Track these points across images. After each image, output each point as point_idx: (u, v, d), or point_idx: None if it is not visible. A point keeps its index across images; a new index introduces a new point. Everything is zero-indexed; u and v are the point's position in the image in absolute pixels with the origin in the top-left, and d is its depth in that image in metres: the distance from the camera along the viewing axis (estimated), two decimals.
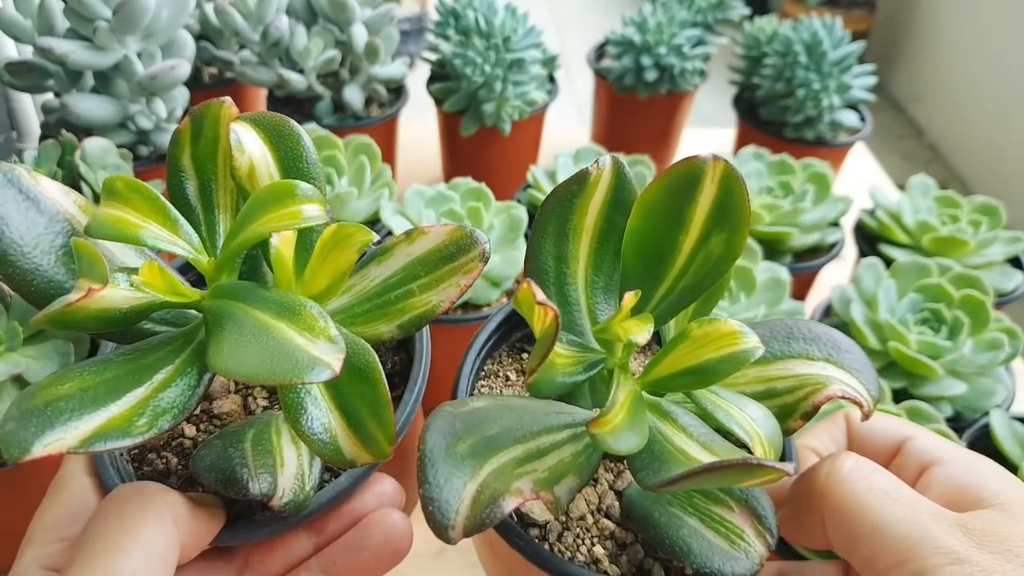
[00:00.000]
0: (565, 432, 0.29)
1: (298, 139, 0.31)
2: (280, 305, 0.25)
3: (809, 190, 0.72)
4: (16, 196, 0.27)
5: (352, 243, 0.27)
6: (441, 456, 0.25)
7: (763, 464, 0.23)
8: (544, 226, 0.32)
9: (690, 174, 0.28)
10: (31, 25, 0.65)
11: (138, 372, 0.26)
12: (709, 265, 0.29)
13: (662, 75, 0.90)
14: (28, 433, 0.23)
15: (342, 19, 0.78)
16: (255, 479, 0.26)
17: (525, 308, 0.25)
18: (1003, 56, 2.01)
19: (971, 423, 0.55)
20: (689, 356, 0.27)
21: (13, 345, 0.47)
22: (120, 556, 0.24)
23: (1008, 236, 0.70)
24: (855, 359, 0.31)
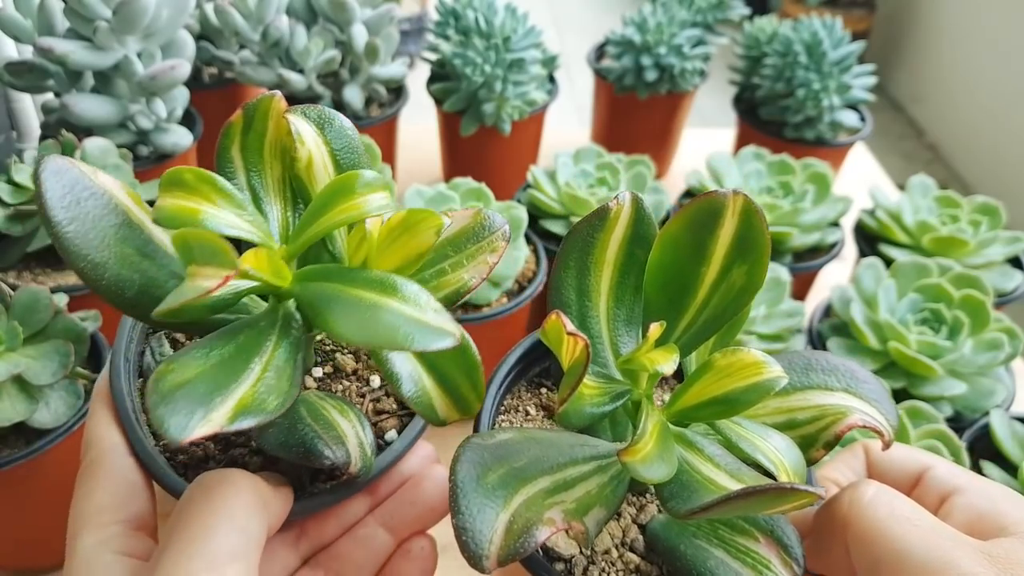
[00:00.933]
0: (591, 464, 0.29)
1: (347, 131, 0.32)
2: (376, 283, 0.26)
3: (809, 190, 0.72)
4: (82, 191, 0.27)
5: (424, 228, 0.28)
6: (472, 486, 0.25)
7: (796, 488, 0.23)
8: (566, 260, 0.33)
9: (711, 209, 0.29)
10: (31, 25, 0.65)
11: (243, 353, 0.26)
12: (731, 296, 0.29)
13: (662, 75, 0.90)
14: (182, 416, 0.23)
15: (342, 19, 0.78)
16: (331, 448, 0.28)
17: (553, 339, 0.26)
18: (1003, 56, 2.01)
19: (971, 423, 0.55)
20: (714, 386, 0.28)
21: (13, 345, 0.47)
22: (216, 540, 0.24)
23: (1008, 236, 0.70)
24: (873, 389, 0.31)
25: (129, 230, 0.28)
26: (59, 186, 0.26)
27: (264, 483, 0.28)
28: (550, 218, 0.70)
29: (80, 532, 0.27)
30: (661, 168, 1.00)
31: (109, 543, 0.27)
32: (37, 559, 0.55)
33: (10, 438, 0.48)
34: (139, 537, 0.27)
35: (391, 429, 0.33)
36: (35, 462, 0.47)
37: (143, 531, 0.28)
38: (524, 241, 0.65)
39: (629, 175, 0.72)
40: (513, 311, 0.61)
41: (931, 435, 0.48)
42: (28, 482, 0.49)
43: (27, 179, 0.59)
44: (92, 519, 0.27)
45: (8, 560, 0.55)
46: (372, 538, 0.32)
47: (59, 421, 0.48)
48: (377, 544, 0.32)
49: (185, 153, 0.73)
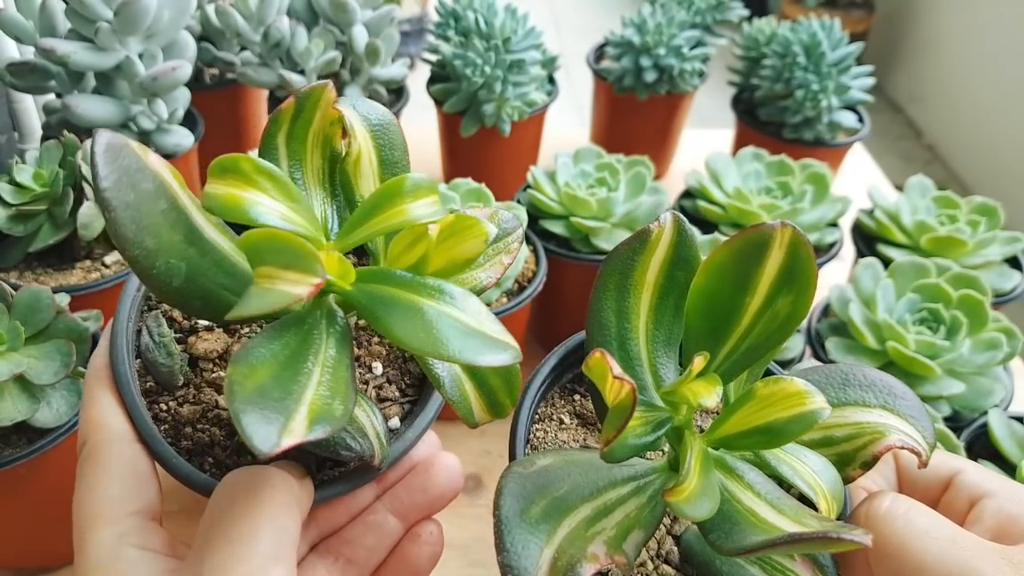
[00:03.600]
0: (629, 485, 0.30)
1: (391, 126, 0.32)
2: (436, 291, 0.26)
3: (808, 190, 0.72)
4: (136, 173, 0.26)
5: (471, 237, 0.28)
6: (516, 522, 0.26)
7: (842, 538, 0.23)
8: (606, 282, 0.33)
9: (758, 240, 0.29)
10: (33, 26, 0.66)
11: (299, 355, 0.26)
12: (775, 326, 0.29)
13: (661, 76, 0.90)
14: (266, 426, 0.22)
15: (343, 20, 0.79)
16: (357, 440, 0.28)
17: (597, 377, 0.26)
18: (1001, 57, 2.01)
19: (969, 423, 0.55)
20: (756, 416, 0.28)
21: (15, 345, 0.48)
22: (262, 542, 0.24)
23: (1006, 236, 0.71)
24: (910, 405, 0.31)
25: (177, 215, 0.26)
26: (115, 166, 0.25)
27: (292, 479, 0.27)
28: (550, 218, 0.70)
29: (92, 526, 0.26)
30: (660, 168, 1.00)
31: (128, 537, 0.26)
32: (39, 559, 0.55)
33: (12, 437, 0.49)
34: (154, 529, 0.27)
35: (394, 416, 0.33)
36: (37, 461, 0.47)
37: (156, 521, 0.27)
38: (524, 241, 0.65)
39: (628, 175, 0.72)
40: (513, 311, 0.61)
41: None
42: (30, 481, 0.49)
43: (29, 179, 0.59)
44: (104, 511, 0.26)
45: (9, 560, 0.55)
46: (382, 524, 0.32)
47: (61, 420, 0.48)
48: (387, 529, 0.32)
49: (186, 154, 0.73)
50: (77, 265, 0.61)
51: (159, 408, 0.31)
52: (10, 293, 0.49)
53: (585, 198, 0.67)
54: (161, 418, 0.31)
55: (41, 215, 0.59)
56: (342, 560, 0.31)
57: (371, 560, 0.32)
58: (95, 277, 0.60)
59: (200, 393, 0.32)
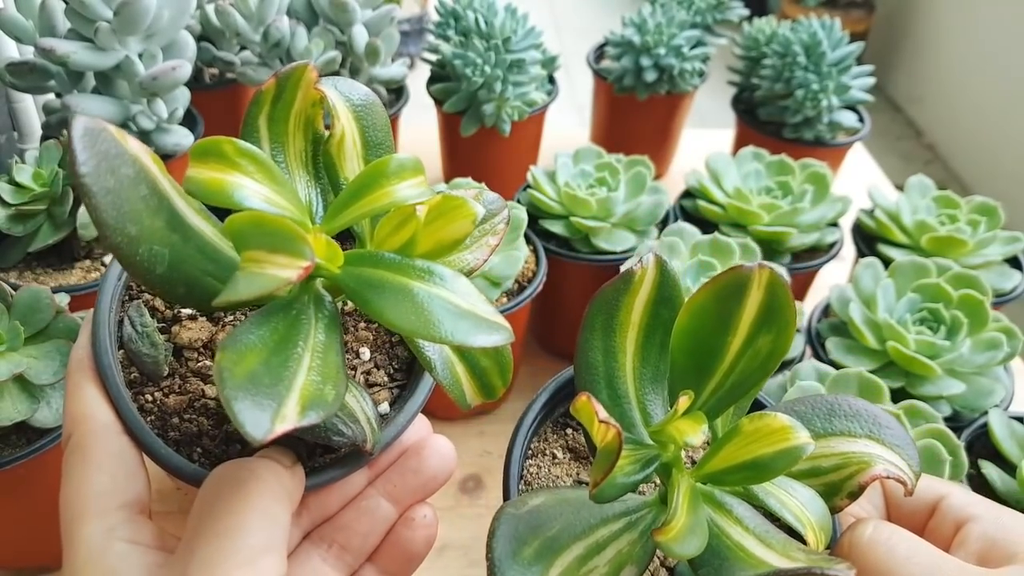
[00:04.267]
0: (621, 521, 0.30)
1: (375, 106, 0.32)
2: (424, 272, 0.26)
3: (808, 190, 0.72)
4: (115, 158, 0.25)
5: (459, 217, 0.28)
6: (509, 563, 0.26)
7: (826, 573, 0.24)
8: (592, 322, 0.33)
9: (737, 282, 0.29)
10: (32, 26, 0.66)
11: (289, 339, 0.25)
12: (757, 363, 0.30)
13: (661, 76, 0.90)
14: (258, 413, 0.22)
15: (343, 20, 0.79)
16: (348, 426, 0.28)
17: (585, 420, 0.27)
18: (1001, 57, 2.01)
19: (970, 423, 0.55)
20: (743, 451, 0.28)
21: (15, 344, 0.48)
22: (251, 534, 0.24)
23: (1006, 236, 0.71)
24: (896, 435, 0.32)
25: (158, 201, 0.26)
26: (93, 151, 0.24)
27: (282, 468, 0.27)
28: (550, 218, 0.70)
29: (80, 521, 0.25)
30: (660, 168, 1.00)
31: (116, 531, 0.25)
32: (39, 559, 0.55)
33: (11, 437, 0.49)
34: (142, 522, 0.26)
35: (383, 402, 0.33)
36: (36, 461, 0.47)
37: (144, 515, 0.27)
38: (524, 241, 0.65)
39: (628, 175, 0.72)
40: (513, 311, 0.61)
41: (929, 434, 0.49)
42: (29, 481, 0.49)
43: (29, 179, 0.59)
44: (92, 505, 0.26)
45: (9, 559, 0.55)
46: (375, 509, 0.32)
47: (60, 420, 0.48)
48: (380, 514, 0.32)
49: (186, 154, 0.73)
50: (77, 265, 0.61)
51: (144, 399, 0.31)
52: (10, 293, 0.49)
53: (585, 198, 0.67)
54: (147, 409, 0.30)
55: (41, 215, 0.59)
56: (336, 547, 0.31)
57: (365, 545, 0.32)
58: (95, 277, 0.60)
59: (186, 383, 0.31)
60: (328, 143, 0.30)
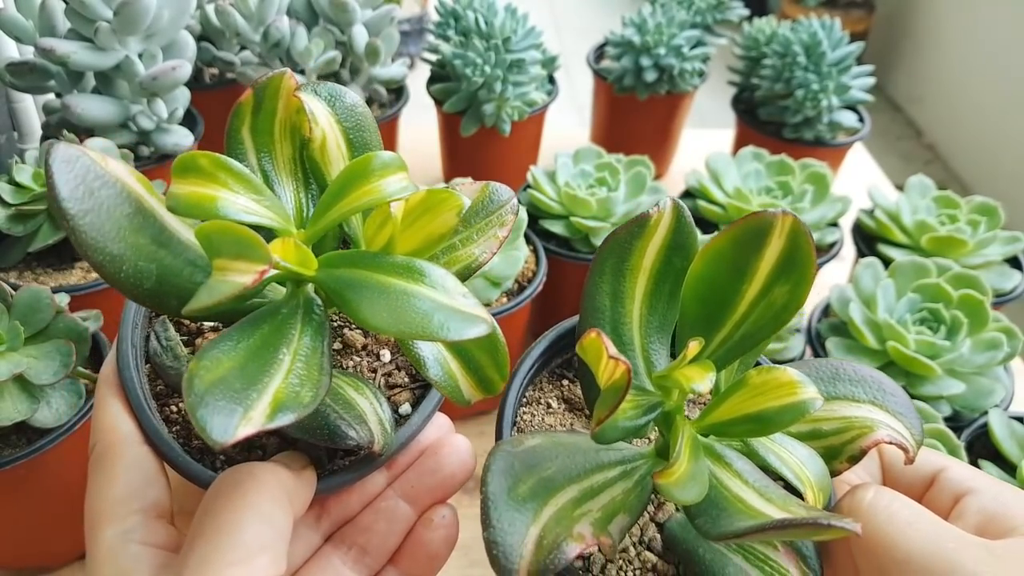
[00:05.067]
0: (616, 469, 0.29)
1: (357, 108, 0.32)
2: (403, 269, 0.26)
3: (808, 190, 0.72)
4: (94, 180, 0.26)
5: (444, 210, 0.27)
6: (503, 499, 0.26)
7: (832, 524, 0.23)
8: (602, 265, 0.32)
9: (759, 227, 0.29)
10: (32, 26, 0.66)
11: (269, 345, 0.26)
12: (771, 314, 0.29)
13: (661, 76, 0.90)
14: (223, 417, 0.22)
15: (343, 20, 0.79)
16: (354, 429, 0.28)
17: (591, 358, 0.26)
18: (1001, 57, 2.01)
19: (970, 423, 0.55)
20: (748, 403, 0.28)
21: (15, 345, 0.48)
22: (245, 532, 0.24)
23: (1006, 236, 0.71)
24: (899, 402, 0.31)
25: (143, 219, 0.26)
26: (71, 176, 0.25)
27: (287, 473, 0.28)
28: (550, 218, 0.70)
29: (100, 525, 0.27)
30: (660, 168, 1.00)
31: (132, 534, 0.26)
32: (39, 558, 0.55)
33: (11, 437, 0.49)
34: (160, 525, 0.27)
35: (404, 403, 0.33)
36: (36, 461, 0.47)
37: (163, 519, 0.28)
38: (524, 241, 0.65)
39: (628, 175, 0.72)
40: (513, 311, 0.61)
41: (930, 434, 0.49)
42: (29, 481, 0.49)
43: (29, 179, 0.59)
44: (111, 511, 0.27)
45: (9, 559, 0.55)
46: (393, 510, 0.32)
47: (60, 420, 0.48)
48: (399, 515, 0.32)
49: None
50: (76, 265, 0.61)
51: (170, 410, 0.31)
52: (10, 293, 0.49)
53: (585, 198, 0.67)
54: (172, 420, 0.31)
55: (41, 215, 0.59)
56: (356, 549, 0.31)
57: (384, 547, 0.32)
58: (95, 277, 0.60)
59: None
60: (310, 148, 0.30)
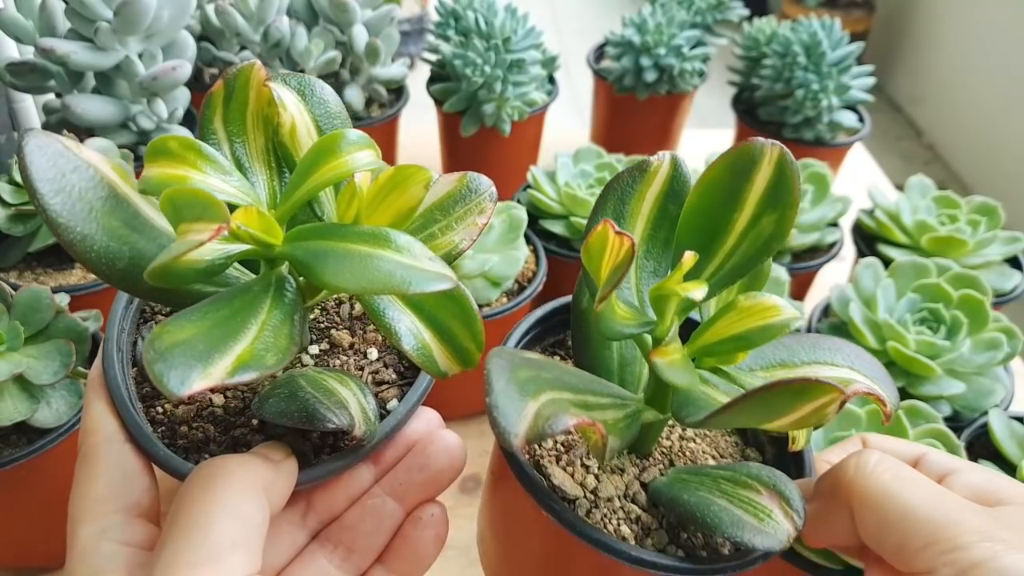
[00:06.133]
0: (609, 399, 0.30)
1: (328, 97, 0.32)
2: (370, 236, 0.26)
3: (808, 190, 0.72)
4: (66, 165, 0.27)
5: (412, 183, 0.28)
6: (506, 375, 0.26)
7: (821, 382, 0.24)
8: (603, 207, 0.34)
9: (749, 155, 0.30)
10: (32, 26, 0.66)
11: (238, 315, 0.26)
12: (759, 244, 0.31)
13: (661, 76, 0.90)
14: (179, 370, 0.22)
15: (343, 20, 0.79)
16: (334, 412, 0.28)
17: (595, 250, 0.27)
18: (1001, 57, 2.01)
19: (970, 423, 0.55)
20: (735, 325, 0.29)
21: (15, 344, 0.48)
22: (216, 529, 0.24)
23: (1006, 236, 0.71)
24: (875, 369, 0.33)
25: (116, 203, 0.28)
26: (43, 160, 0.26)
27: (263, 464, 0.27)
28: (550, 218, 0.70)
29: (79, 523, 0.27)
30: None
31: (108, 532, 0.26)
32: (38, 558, 0.55)
33: (11, 437, 0.49)
34: (140, 524, 0.27)
35: (392, 399, 0.33)
36: (36, 461, 0.47)
37: (144, 518, 0.28)
38: (524, 241, 0.65)
39: None
40: (513, 311, 0.61)
41: (930, 434, 0.49)
42: (29, 481, 0.49)
43: None
44: (90, 509, 0.27)
45: (9, 559, 0.55)
46: (381, 508, 0.31)
47: (60, 420, 0.48)
48: (386, 513, 0.31)
49: None
50: (77, 265, 0.61)
51: (156, 412, 0.32)
52: (10, 293, 0.49)
53: (585, 198, 0.67)
54: (158, 420, 0.31)
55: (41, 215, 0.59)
56: (342, 547, 0.31)
57: (372, 545, 0.31)
58: (94, 277, 0.60)
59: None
60: (280, 133, 0.30)
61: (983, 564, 0.24)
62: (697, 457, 0.35)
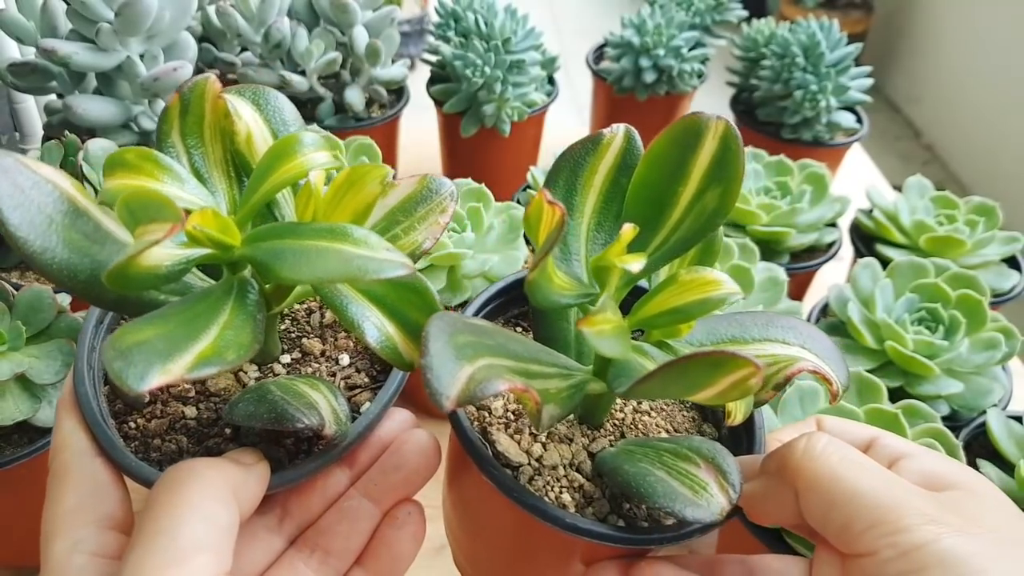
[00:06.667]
0: (554, 368, 0.30)
1: (284, 108, 0.33)
2: (327, 231, 0.26)
3: (806, 191, 0.72)
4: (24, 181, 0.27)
5: (368, 180, 0.28)
6: (443, 338, 0.26)
7: (736, 355, 0.24)
8: (556, 178, 0.34)
9: (695, 128, 0.30)
10: (34, 26, 0.66)
11: (199, 317, 0.26)
12: (703, 218, 0.31)
13: (660, 76, 0.90)
14: (139, 367, 0.23)
15: (343, 21, 0.79)
16: (303, 412, 0.28)
17: (534, 220, 0.27)
18: (1000, 57, 2.01)
19: (968, 422, 0.55)
20: (674, 298, 0.29)
21: (17, 344, 0.48)
22: (182, 532, 0.24)
23: (1005, 236, 0.71)
24: (828, 348, 0.33)
25: (76, 217, 0.28)
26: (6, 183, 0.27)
27: (232, 467, 0.27)
28: None
29: (51, 539, 0.27)
30: None
31: (79, 545, 0.26)
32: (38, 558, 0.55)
33: (13, 437, 0.49)
34: (113, 535, 0.27)
35: (366, 402, 0.33)
36: (38, 461, 0.47)
37: (116, 529, 0.28)
38: (524, 241, 0.65)
39: None
40: None
41: (928, 434, 0.49)
42: (30, 481, 0.49)
43: None
44: (62, 524, 0.27)
45: (9, 559, 0.55)
46: (356, 509, 0.31)
47: None
48: (362, 515, 0.31)
49: None
50: None
51: (129, 427, 0.32)
52: (11, 293, 0.49)
53: None
54: (131, 435, 0.32)
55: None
56: (319, 551, 0.31)
57: (349, 548, 0.31)
58: None
59: (166, 407, 0.32)
60: (236, 142, 0.31)
61: (925, 546, 0.24)
62: (650, 430, 0.35)
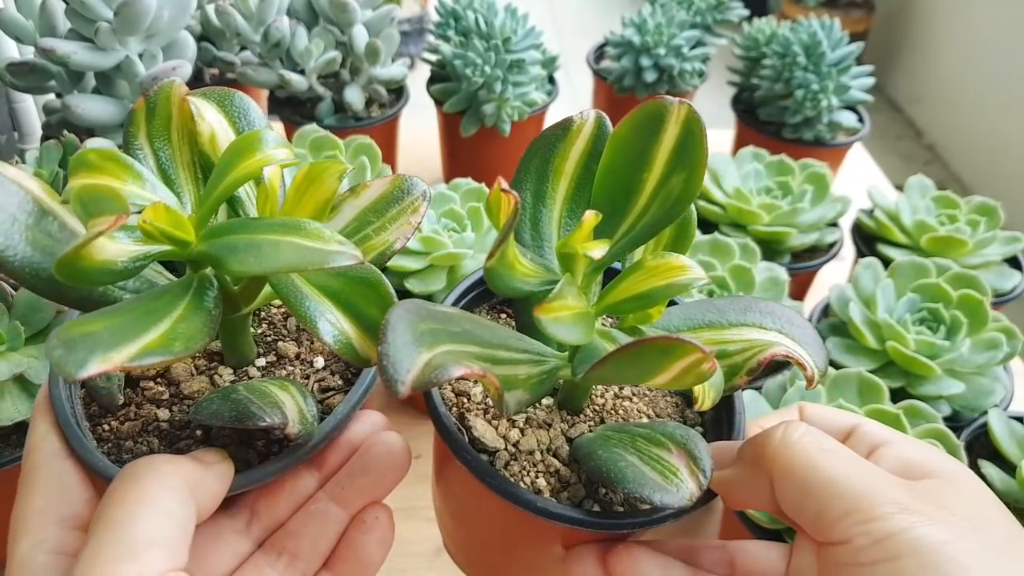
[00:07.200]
0: (526, 355, 0.30)
1: (249, 109, 0.33)
2: (280, 225, 0.27)
3: (808, 190, 0.72)
4: None
5: (327, 176, 0.29)
6: (403, 326, 0.26)
7: (683, 341, 0.24)
8: (527, 165, 0.34)
9: (656, 113, 0.30)
10: (33, 26, 0.66)
11: (153, 312, 0.26)
12: (668, 204, 0.31)
13: (661, 76, 0.90)
14: (79, 354, 0.23)
15: (343, 20, 0.79)
16: (266, 411, 0.28)
17: (495, 204, 0.27)
18: (1001, 57, 2.01)
19: (969, 422, 0.55)
20: (641, 284, 0.29)
21: (15, 344, 0.48)
22: (136, 526, 0.24)
23: (1006, 236, 0.71)
24: (806, 334, 0.33)
25: (41, 216, 0.28)
26: None
27: (192, 464, 0.27)
28: None
29: (18, 537, 0.27)
30: None
31: (43, 544, 0.27)
32: None
33: (12, 437, 0.49)
34: (77, 535, 0.27)
35: (339, 404, 0.33)
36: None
37: (82, 529, 0.27)
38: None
39: None
40: None
41: (929, 434, 0.49)
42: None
43: None
44: (28, 524, 0.27)
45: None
46: (323, 512, 0.31)
47: None
48: (330, 519, 0.31)
49: None
50: None
51: (102, 429, 0.32)
52: (10, 293, 0.49)
53: None
54: (104, 438, 0.32)
55: None
56: (286, 555, 0.31)
57: (316, 551, 0.31)
58: None
59: (140, 409, 0.33)
60: (199, 142, 0.31)
61: (898, 534, 0.24)
62: (631, 416, 0.35)
